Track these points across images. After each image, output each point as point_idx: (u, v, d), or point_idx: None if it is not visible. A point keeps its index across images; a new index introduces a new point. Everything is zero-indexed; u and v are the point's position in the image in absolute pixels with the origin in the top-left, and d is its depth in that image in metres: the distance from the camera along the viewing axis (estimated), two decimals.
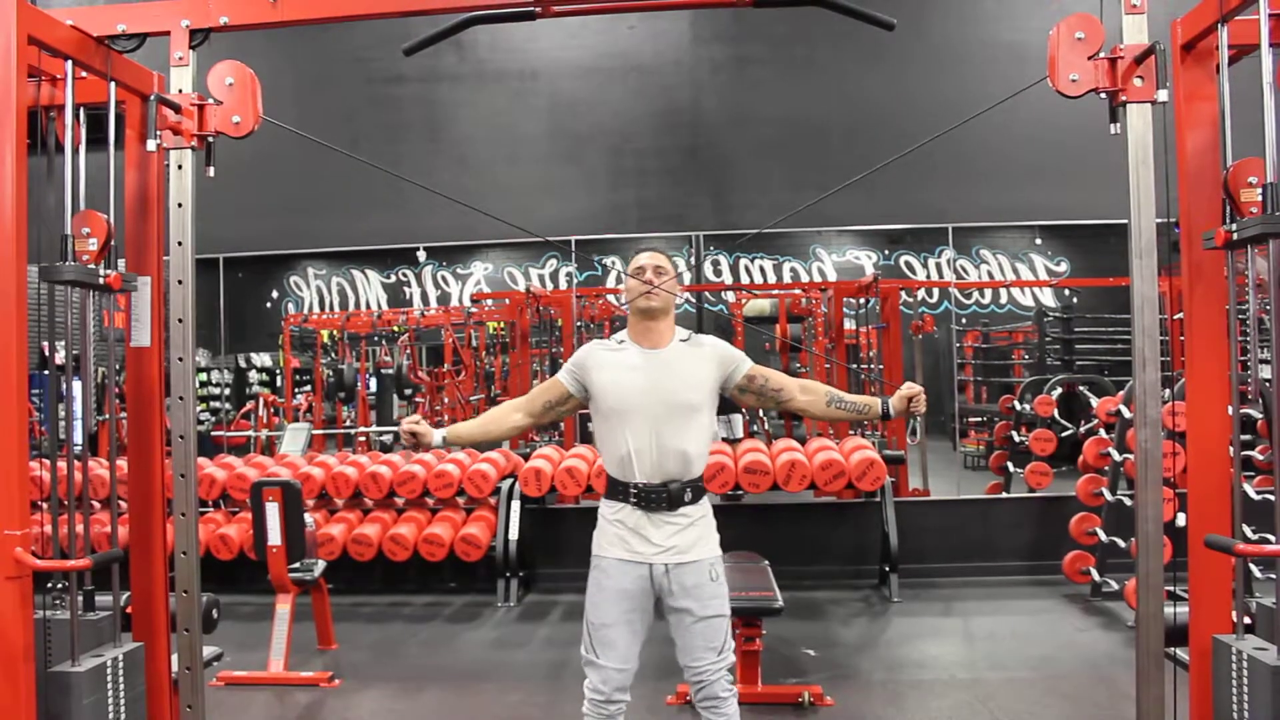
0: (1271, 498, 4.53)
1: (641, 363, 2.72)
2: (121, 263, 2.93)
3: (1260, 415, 4.79)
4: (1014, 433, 7.99)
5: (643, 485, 2.67)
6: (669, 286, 2.76)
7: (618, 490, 2.72)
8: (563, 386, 2.82)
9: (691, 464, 2.70)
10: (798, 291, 10.27)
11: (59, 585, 2.73)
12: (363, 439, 9.84)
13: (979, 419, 10.98)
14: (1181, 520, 2.82)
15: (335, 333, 11.28)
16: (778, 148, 9.56)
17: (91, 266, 2.70)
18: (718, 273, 11.28)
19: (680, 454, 2.68)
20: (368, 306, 11.79)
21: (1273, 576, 5.29)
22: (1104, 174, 3.38)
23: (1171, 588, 2.64)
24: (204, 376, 11.76)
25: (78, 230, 2.71)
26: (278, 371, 11.99)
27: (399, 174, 3.35)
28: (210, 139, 2.92)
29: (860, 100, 9.53)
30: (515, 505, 6.17)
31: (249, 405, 10.68)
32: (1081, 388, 7.62)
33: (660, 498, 2.66)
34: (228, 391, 12.12)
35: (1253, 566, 5.03)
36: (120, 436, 5.82)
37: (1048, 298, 10.94)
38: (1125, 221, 2.61)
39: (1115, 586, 5.48)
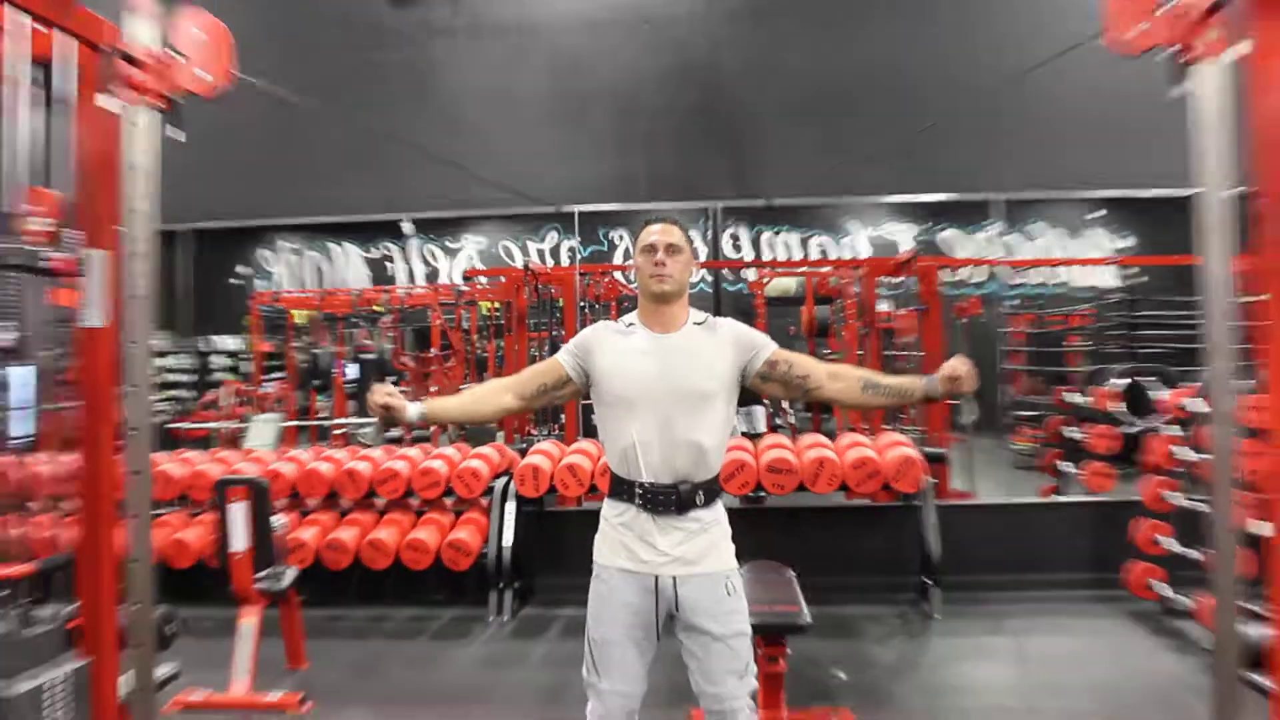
0: None
1: (651, 348, 2.69)
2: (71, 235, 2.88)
3: None
4: (1070, 428, 7.94)
5: (649, 485, 2.64)
6: (683, 267, 2.73)
7: (621, 489, 2.70)
8: (561, 369, 2.80)
9: (707, 457, 2.67)
10: (826, 269, 10.23)
11: None
12: (339, 432, 9.85)
13: (1031, 413, 10.95)
14: (1268, 530, 2.77)
15: (310, 313, 11.30)
16: (803, 108, 9.48)
17: (34, 248, 2.66)
18: (737, 248, 11.23)
19: (693, 446, 2.64)
20: (346, 284, 11.79)
21: None
22: (1176, 137, 3.32)
23: (1253, 605, 2.60)
24: (165, 362, 11.79)
25: (19, 207, 2.67)
26: (245, 356, 12.01)
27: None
28: (179, 100, 2.88)
29: (892, 58, 9.44)
30: (510, 507, 6.15)
31: (211, 394, 10.71)
32: (1147, 378, 7.57)
33: (669, 499, 2.63)
34: (195, 379, 12.16)
35: None
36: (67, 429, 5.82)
37: (1111, 277, 10.87)
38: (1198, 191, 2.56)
39: (1188, 604, 5.44)
